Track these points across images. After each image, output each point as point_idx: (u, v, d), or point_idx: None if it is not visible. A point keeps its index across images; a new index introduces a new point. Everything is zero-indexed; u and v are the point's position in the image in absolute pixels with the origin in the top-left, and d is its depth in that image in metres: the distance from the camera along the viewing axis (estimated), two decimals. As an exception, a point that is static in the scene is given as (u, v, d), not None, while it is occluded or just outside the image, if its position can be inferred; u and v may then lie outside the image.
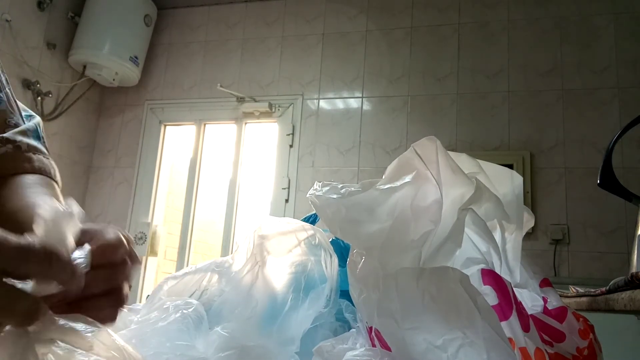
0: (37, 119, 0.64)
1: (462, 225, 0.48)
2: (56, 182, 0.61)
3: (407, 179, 0.50)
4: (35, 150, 0.60)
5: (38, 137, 0.62)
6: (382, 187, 0.51)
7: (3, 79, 0.62)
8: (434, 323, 0.42)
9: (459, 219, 0.49)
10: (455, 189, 0.51)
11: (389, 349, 0.47)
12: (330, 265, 0.56)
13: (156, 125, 3.35)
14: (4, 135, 0.58)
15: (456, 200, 0.51)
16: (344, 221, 0.51)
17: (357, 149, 2.90)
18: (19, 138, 0.59)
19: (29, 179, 0.57)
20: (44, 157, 0.61)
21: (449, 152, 0.56)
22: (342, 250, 0.64)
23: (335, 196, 0.52)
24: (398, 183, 0.50)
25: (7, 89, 0.62)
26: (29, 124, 0.62)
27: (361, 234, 0.50)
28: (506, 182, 0.60)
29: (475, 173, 0.56)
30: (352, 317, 0.56)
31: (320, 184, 0.56)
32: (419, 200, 0.50)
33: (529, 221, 0.69)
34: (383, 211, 0.50)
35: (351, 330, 0.53)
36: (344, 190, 0.52)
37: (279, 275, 0.56)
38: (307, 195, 0.56)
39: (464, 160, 0.58)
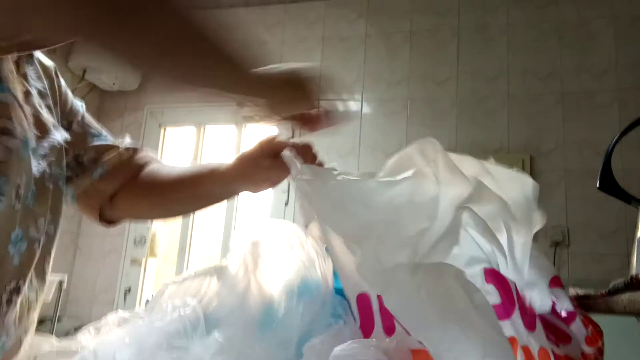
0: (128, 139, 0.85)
1: (458, 224, 0.48)
2: None
3: (408, 174, 0.51)
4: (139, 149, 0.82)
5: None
6: (381, 179, 0.51)
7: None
8: (429, 317, 0.42)
9: (455, 217, 0.49)
10: (454, 188, 0.51)
11: (393, 328, 0.47)
12: (324, 268, 0.56)
13: (156, 129, 3.35)
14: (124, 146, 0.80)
15: (454, 199, 0.51)
16: (335, 210, 0.51)
17: (356, 152, 2.90)
18: (129, 144, 0.81)
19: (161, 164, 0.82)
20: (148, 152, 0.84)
21: (453, 154, 0.56)
22: None
23: (331, 182, 0.51)
24: (398, 177, 0.50)
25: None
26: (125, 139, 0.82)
27: (354, 225, 0.49)
28: (515, 186, 0.60)
29: (479, 174, 0.56)
30: (345, 313, 0.55)
31: (306, 166, 0.55)
32: (417, 196, 0.50)
33: (540, 221, 0.70)
34: (379, 204, 0.50)
35: (339, 323, 0.52)
36: (340, 177, 0.51)
37: (272, 281, 0.55)
38: (294, 179, 0.54)
39: (467, 162, 0.58)
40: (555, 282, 0.68)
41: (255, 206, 3.47)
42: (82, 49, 3.08)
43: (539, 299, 0.63)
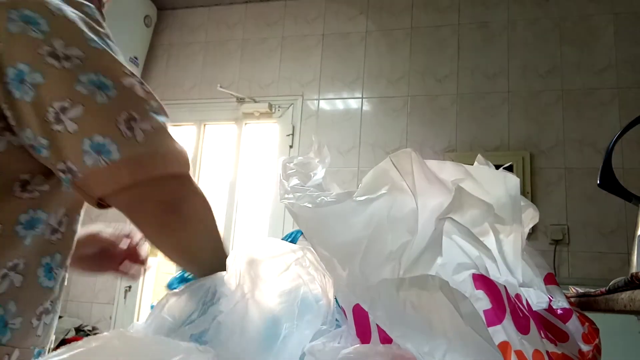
0: None
1: (440, 235, 0.48)
2: None
3: (384, 190, 0.51)
4: None
5: None
6: (358, 198, 0.51)
7: None
8: (418, 331, 0.42)
9: (436, 228, 0.49)
10: (433, 199, 0.51)
11: (389, 340, 0.47)
12: (325, 283, 0.55)
13: (156, 126, 3.34)
14: None
15: (435, 210, 0.51)
16: (319, 230, 0.51)
17: (356, 149, 2.90)
18: None
19: None
20: None
21: (432, 161, 0.56)
22: None
23: (310, 205, 0.51)
24: (374, 194, 0.50)
25: None
26: None
27: (338, 244, 0.50)
28: (499, 185, 0.60)
29: (461, 180, 0.55)
30: (344, 320, 0.55)
31: (290, 187, 0.56)
32: (396, 211, 0.50)
33: (534, 217, 0.69)
34: (360, 222, 0.50)
35: (342, 327, 0.52)
36: (319, 199, 0.51)
37: (272, 301, 0.54)
38: (281, 201, 0.55)
39: (449, 168, 0.58)
40: (550, 279, 0.68)
41: (256, 205, 3.47)
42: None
43: (535, 296, 0.63)
